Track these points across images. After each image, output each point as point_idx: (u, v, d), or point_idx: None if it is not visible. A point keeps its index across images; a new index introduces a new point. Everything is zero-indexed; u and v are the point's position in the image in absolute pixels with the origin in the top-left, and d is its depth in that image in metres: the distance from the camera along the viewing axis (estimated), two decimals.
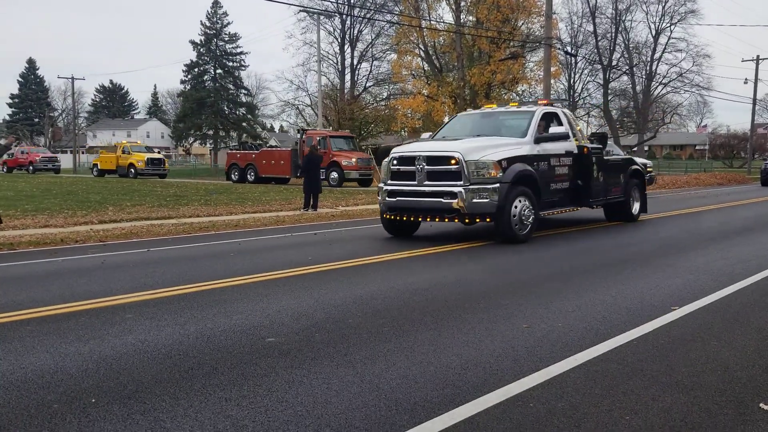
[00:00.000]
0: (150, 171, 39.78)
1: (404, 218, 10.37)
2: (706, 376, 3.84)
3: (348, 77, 53.22)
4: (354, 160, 30.46)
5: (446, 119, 40.74)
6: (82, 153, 76.50)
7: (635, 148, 63.42)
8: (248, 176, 33.82)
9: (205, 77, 68.76)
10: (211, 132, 69.13)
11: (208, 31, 68.46)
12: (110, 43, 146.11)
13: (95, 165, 43.32)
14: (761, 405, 3.41)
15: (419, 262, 8.26)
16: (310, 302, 5.82)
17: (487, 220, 9.70)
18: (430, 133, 12.73)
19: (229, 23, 69.21)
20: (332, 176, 30.38)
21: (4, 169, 47.08)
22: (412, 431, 3.10)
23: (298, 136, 33.50)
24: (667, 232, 11.55)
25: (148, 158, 40.01)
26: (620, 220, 13.08)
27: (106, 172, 41.47)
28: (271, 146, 40.19)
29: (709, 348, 4.39)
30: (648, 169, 20.05)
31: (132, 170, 39.58)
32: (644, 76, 59.80)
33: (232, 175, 34.58)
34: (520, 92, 42.75)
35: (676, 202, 19.87)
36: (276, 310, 5.50)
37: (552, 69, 30.63)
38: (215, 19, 68.81)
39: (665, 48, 58.28)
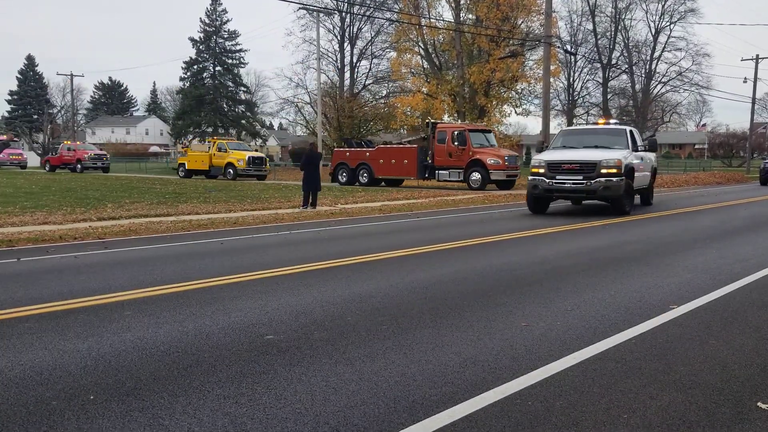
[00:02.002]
0: (252, 172, 33.60)
1: None
2: (705, 374, 3.85)
3: (347, 75, 53.28)
4: (501, 158, 25.74)
5: (446, 117, 40.93)
6: None
7: None
8: (360, 178, 28.92)
9: (205, 74, 68.61)
10: (210, 129, 69.03)
11: (208, 29, 68.32)
12: (110, 40, 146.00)
13: (181, 165, 37.21)
14: (759, 404, 3.41)
15: (417, 259, 8.26)
16: (309, 300, 5.82)
17: None
18: None
19: (228, 20, 69.08)
20: (473, 177, 25.66)
21: (47, 168, 43.62)
22: (411, 429, 3.10)
23: (428, 130, 28.48)
24: None
25: (249, 157, 33.76)
26: None
27: (194, 173, 35.86)
28: (385, 143, 33.97)
29: (707, 347, 4.40)
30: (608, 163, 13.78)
31: (231, 171, 33.71)
32: (644, 75, 59.87)
33: (340, 176, 29.68)
34: (520, 90, 42.77)
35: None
36: (275, 308, 5.50)
37: (551, 67, 30.63)
38: (215, 16, 68.67)
39: (665, 47, 58.37)
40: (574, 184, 14.10)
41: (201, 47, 68.00)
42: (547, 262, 8.05)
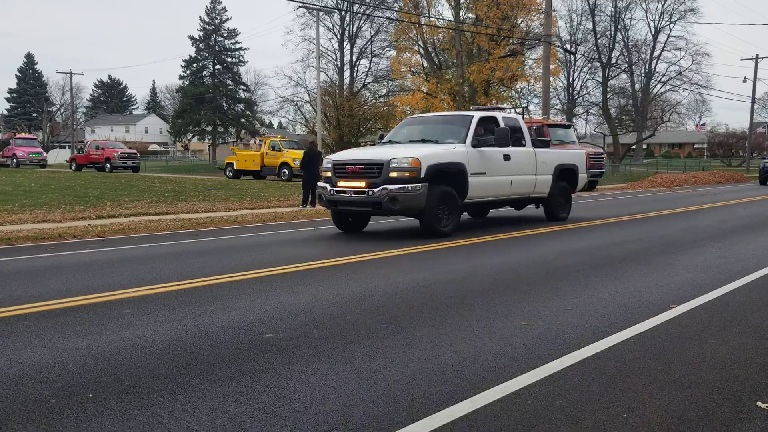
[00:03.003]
0: None
1: None
2: (704, 374, 3.85)
3: (347, 74, 53.29)
4: (585, 156, 22.73)
5: None
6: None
7: (634, 147, 63.54)
8: None
9: (204, 73, 68.64)
10: (209, 128, 69.13)
11: (207, 27, 68.33)
12: (109, 38, 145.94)
13: (229, 165, 35.29)
14: (758, 403, 3.41)
15: (417, 259, 8.26)
16: (309, 298, 5.82)
17: None
18: None
19: (228, 19, 69.12)
20: None
21: (73, 167, 41.40)
22: (410, 428, 3.09)
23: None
24: None
25: None
26: None
27: (243, 173, 33.84)
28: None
29: (706, 346, 4.40)
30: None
31: (286, 171, 31.33)
32: (643, 75, 59.87)
33: None
34: (519, 90, 42.79)
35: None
36: (274, 306, 5.49)
37: (551, 67, 30.61)
38: (214, 14, 68.66)
39: (664, 46, 58.38)
40: (355, 193, 10.18)
41: (200, 45, 68.01)
42: (546, 261, 8.05)
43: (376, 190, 9.94)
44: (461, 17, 41.24)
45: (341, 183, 10.47)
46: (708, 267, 7.48)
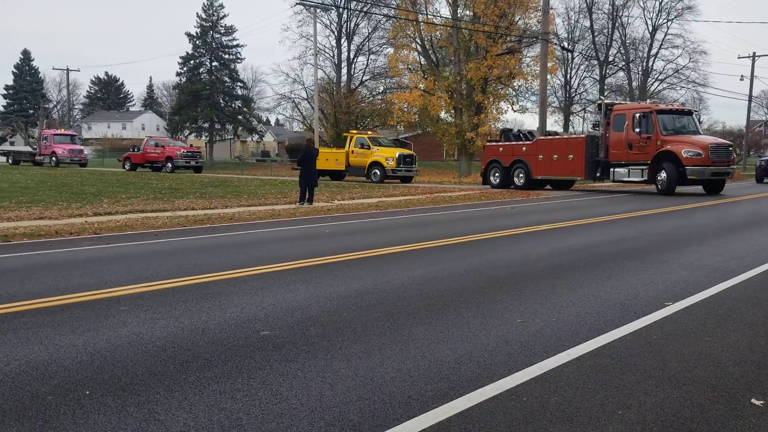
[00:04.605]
0: (402, 172, 28.68)
1: None
2: (699, 371, 3.86)
3: (344, 71, 53.22)
4: (703, 148, 19.04)
5: (442, 114, 40.90)
6: None
7: None
8: (516, 178, 23.75)
9: (201, 69, 68.42)
10: (206, 125, 68.93)
11: (204, 23, 68.10)
12: (106, 35, 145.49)
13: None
14: (753, 400, 3.43)
15: (414, 256, 8.27)
16: (305, 296, 5.82)
17: None
18: None
19: (225, 15, 68.86)
20: (660, 176, 19.47)
21: (127, 167, 38.80)
22: (406, 425, 3.10)
23: (600, 115, 21.47)
24: None
25: (399, 155, 28.68)
26: None
27: (323, 174, 26.99)
28: (548, 133, 26.43)
29: (701, 344, 4.42)
30: None
31: (377, 172, 28.61)
32: (640, 72, 59.92)
33: (492, 177, 24.66)
34: (517, 87, 42.77)
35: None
36: (271, 304, 5.50)
37: (548, 64, 30.63)
38: (211, 11, 68.43)
39: (662, 44, 58.44)
40: None
41: (197, 42, 67.78)
42: (543, 258, 8.06)
43: None
44: (459, 14, 41.20)
45: None
46: (703, 265, 7.50)
